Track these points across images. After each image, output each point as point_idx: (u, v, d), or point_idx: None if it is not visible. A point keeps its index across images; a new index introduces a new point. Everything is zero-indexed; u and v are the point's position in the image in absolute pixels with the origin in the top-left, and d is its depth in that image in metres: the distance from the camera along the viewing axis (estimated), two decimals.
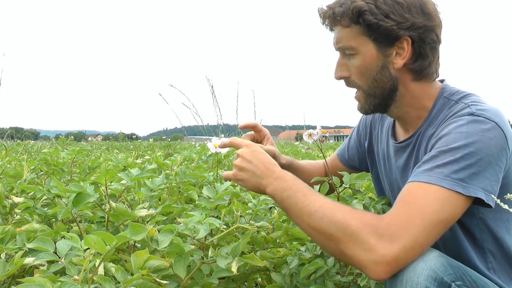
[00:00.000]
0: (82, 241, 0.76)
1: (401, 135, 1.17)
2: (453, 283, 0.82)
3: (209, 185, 1.32)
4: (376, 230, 0.86)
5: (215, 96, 5.26)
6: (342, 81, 1.12)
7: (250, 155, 1.04)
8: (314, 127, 1.16)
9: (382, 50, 1.03)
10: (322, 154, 1.21)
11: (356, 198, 1.15)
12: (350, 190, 1.21)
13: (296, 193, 0.96)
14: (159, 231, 0.96)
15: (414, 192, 0.91)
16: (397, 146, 1.15)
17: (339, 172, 1.22)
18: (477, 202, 0.91)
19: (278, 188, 0.98)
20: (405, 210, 0.89)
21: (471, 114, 0.95)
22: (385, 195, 1.25)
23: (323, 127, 1.30)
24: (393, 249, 0.85)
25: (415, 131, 1.10)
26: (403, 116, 1.12)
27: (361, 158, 1.35)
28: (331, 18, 1.06)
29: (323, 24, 1.10)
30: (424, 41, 1.03)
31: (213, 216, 1.06)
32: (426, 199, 0.88)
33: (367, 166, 1.34)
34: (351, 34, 1.04)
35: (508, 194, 0.86)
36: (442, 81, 1.13)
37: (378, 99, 1.08)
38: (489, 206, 0.91)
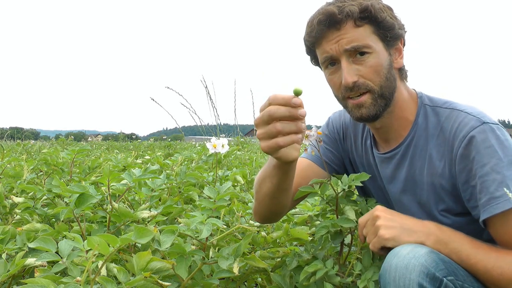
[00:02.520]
0: (85, 241, 0.76)
1: (383, 146, 1.15)
2: (445, 278, 0.84)
3: (209, 186, 1.33)
4: None
5: (210, 98, 5.28)
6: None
7: (389, 212, 0.98)
8: (316, 127, 1.13)
9: (388, 49, 1.04)
10: (320, 155, 1.19)
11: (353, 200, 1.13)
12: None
13: (462, 246, 0.92)
14: (160, 232, 0.96)
15: None
16: (382, 156, 1.13)
17: (335, 175, 1.17)
18: None
19: (439, 242, 0.92)
20: None
21: (483, 123, 0.97)
22: (370, 196, 1.21)
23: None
24: None
25: (401, 141, 1.09)
26: (390, 124, 1.09)
27: (340, 164, 1.28)
28: (343, 16, 0.99)
29: (325, 24, 1.01)
30: (405, 42, 1.09)
31: (213, 217, 1.06)
32: None
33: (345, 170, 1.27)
34: (365, 32, 1.01)
35: (507, 191, 0.88)
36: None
37: (385, 100, 1.05)
38: None
